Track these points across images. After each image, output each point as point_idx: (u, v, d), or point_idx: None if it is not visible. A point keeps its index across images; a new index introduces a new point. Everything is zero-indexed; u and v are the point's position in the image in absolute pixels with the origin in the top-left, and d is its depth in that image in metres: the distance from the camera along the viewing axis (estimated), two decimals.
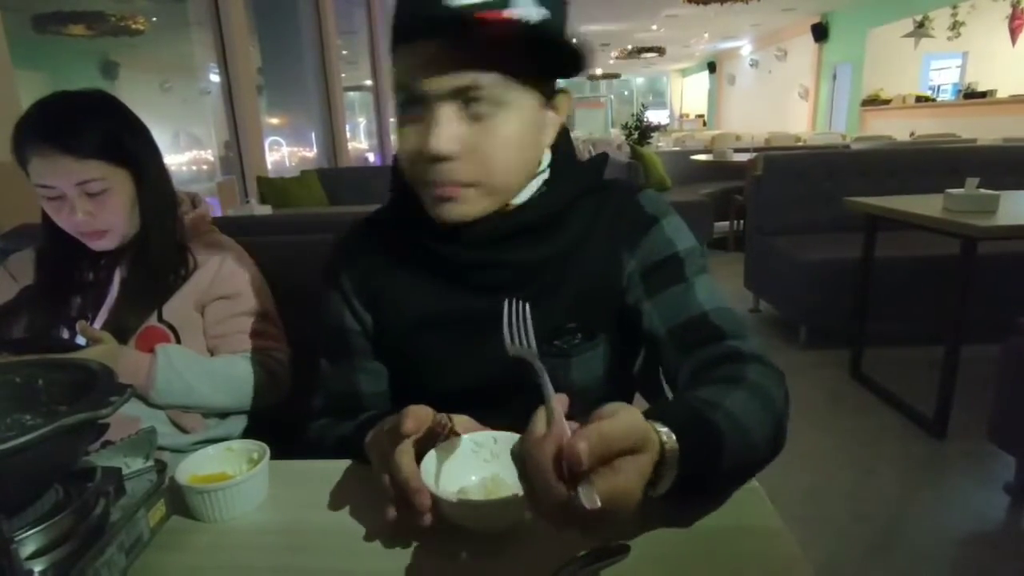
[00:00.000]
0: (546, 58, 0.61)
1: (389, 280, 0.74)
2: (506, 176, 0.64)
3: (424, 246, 0.69)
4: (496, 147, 0.61)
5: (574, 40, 0.59)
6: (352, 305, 0.76)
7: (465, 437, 0.59)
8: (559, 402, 0.44)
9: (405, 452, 0.54)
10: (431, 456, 0.56)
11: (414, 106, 0.60)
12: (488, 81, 0.59)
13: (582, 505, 0.37)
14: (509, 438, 0.59)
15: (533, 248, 0.68)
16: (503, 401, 0.64)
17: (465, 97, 0.59)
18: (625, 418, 0.42)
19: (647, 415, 0.48)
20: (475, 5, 0.56)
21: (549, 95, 0.66)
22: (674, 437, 0.46)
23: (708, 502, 0.54)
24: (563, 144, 0.72)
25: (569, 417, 0.44)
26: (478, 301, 0.70)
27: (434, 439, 0.58)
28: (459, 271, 0.70)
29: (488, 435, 0.59)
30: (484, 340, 0.70)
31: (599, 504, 0.37)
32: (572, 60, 0.61)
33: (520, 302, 0.56)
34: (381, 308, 0.75)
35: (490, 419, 0.61)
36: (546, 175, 0.71)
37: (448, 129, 0.59)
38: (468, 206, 0.63)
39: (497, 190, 0.64)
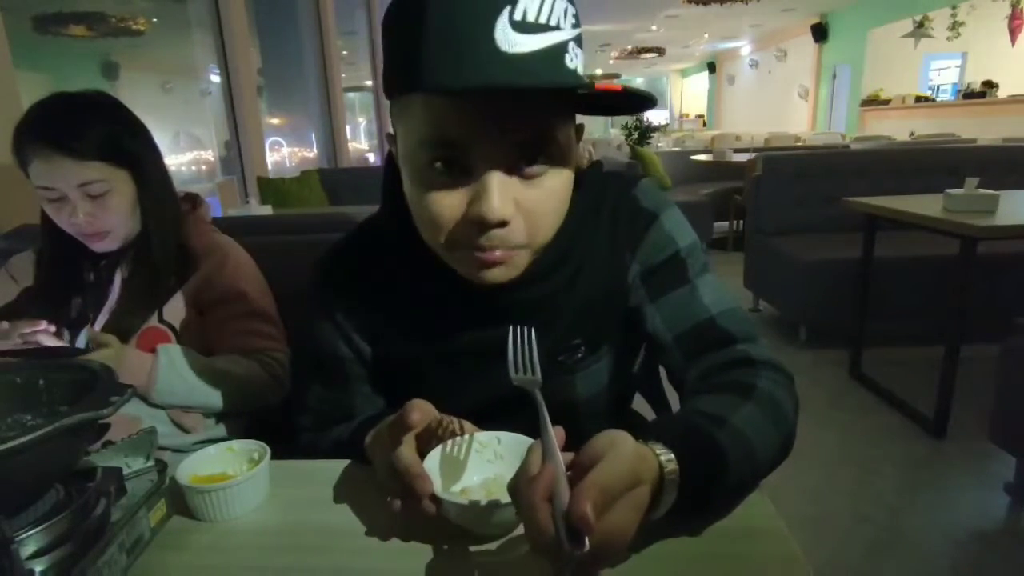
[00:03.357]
0: (592, 102, 0.55)
1: (388, 313, 0.70)
2: (550, 231, 0.59)
3: (427, 283, 0.66)
4: (548, 205, 0.56)
5: (648, 92, 0.52)
6: (349, 338, 0.72)
7: (469, 436, 0.59)
8: (556, 435, 0.43)
9: (407, 443, 0.54)
10: (434, 455, 0.56)
11: (452, 165, 0.53)
12: (548, 137, 0.53)
13: (570, 549, 0.36)
14: (513, 439, 0.59)
15: (548, 282, 0.65)
16: (506, 420, 0.63)
17: (523, 157, 0.53)
18: (620, 458, 0.40)
19: (647, 432, 0.47)
20: (537, 56, 0.48)
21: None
22: (673, 459, 0.45)
23: (709, 517, 0.53)
24: None
25: (570, 439, 0.44)
26: (484, 332, 0.66)
27: (436, 439, 0.58)
28: (465, 308, 0.66)
29: (492, 435, 0.59)
30: (488, 368, 0.67)
31: (587, 548, 0.36)
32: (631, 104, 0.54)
33: (526, 330, 0.54)
34: (379, 340, 0.72)
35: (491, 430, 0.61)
36: None
37: (504, 193, 0.52)
38: (513, 268, 0.58)
39: (540, 247, 0.59)
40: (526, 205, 0.54)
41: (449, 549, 0.52)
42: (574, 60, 0.51)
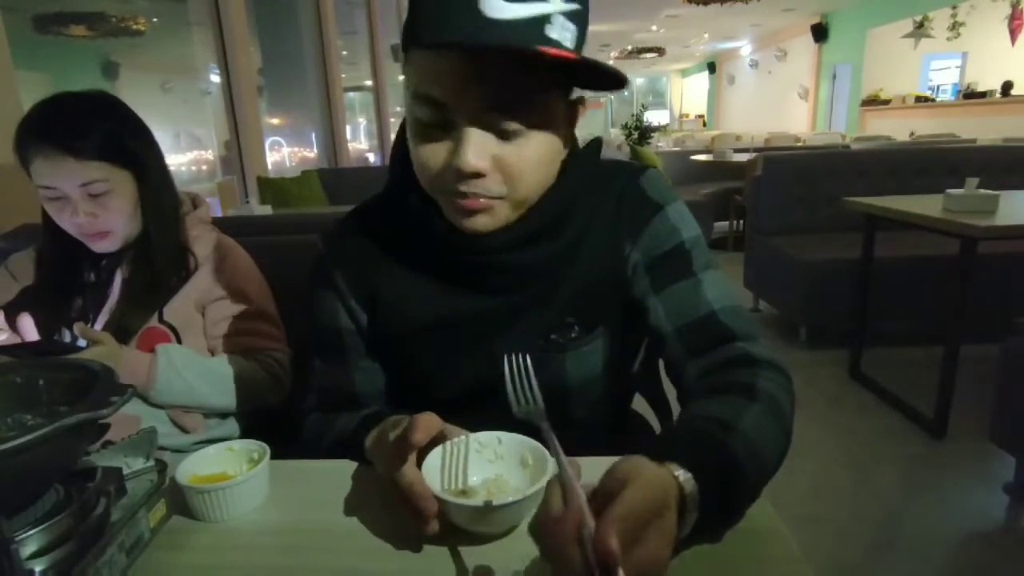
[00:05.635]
0: (576, 77, 0.60)
1: (386, 280, 0.72)
2: (532, 189, 0.63)
3: (427, 248, 0.68)
4: (524, 165, 0.60)
5: (612, 67, 0.55)
6: (348, 304, 0.74)
7: (470, 437, 0.59)
8: (572, 467, 0.41)
9: (410, 462, 0.54)
10: (434, 455, 0.56)
11: (437, 118, 0.58)
12: (523, 99, 0.57)
13: None
14: (513, 439, 0.59)
15: (541, 248, 0.67)
16: (501, 403, 0.64)
17: (497, 116, 0.57)
18: (644, 487, 0.39)
19: (660, 449, 0.46)
20: (518, 22, 0.52)
21: (569, 107, 0.64)
22: (691, 478, 0.44)
23: (725, 526, 0.51)
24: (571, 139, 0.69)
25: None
26: (480, 303, 0.69)
27: (437, 440, 0.58)
28: (465, 274, 0.68)
29: (493, 435, 0.59)
30: (484, 342, 0.69)
31: None
32: (606, 81, 0.58)
33: (521, 356, 0.55)
34: (380, 309, 0.73)
35: (487, 420, 0.60)
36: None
37: (479, 147, 0.57)
38: (493, 218, 0.62)
39: (522, 203, 0.63)
40: (503, 160, 0.59)
41: (449, 549, 0.53)
42: (561, 31, 0.55)
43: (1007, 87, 7.12)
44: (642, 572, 0.36)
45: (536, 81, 0.57)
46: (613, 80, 0.57)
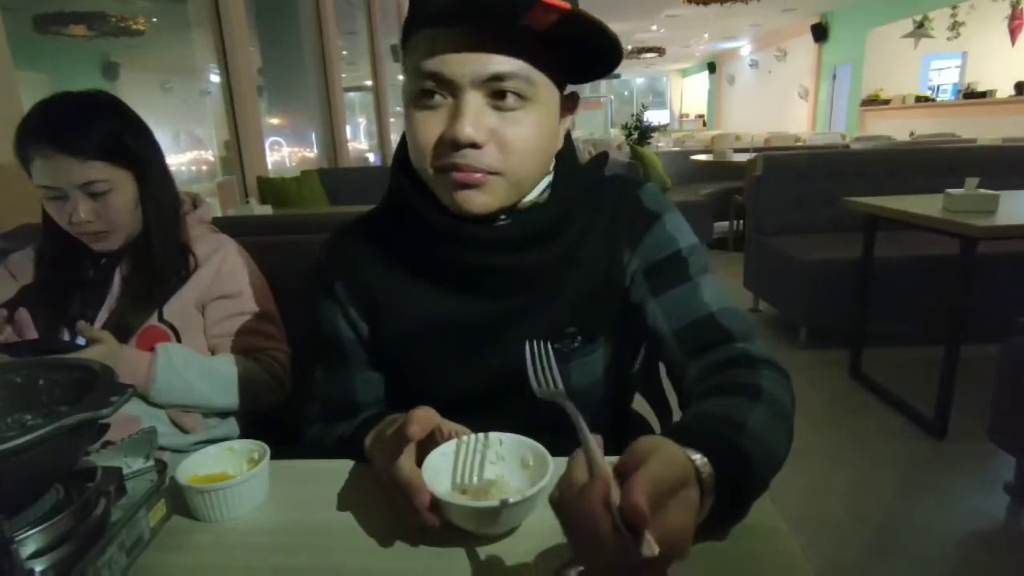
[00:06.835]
0: (572, 56, 0.62)
1: (386, 286, 0.72)
2: (525, 168, 0.63)
3: (425, 251, 0.68)
4: (522, 140, 0.61)
5: (600, 20, 0.58)
6: (347, 313, 0.74)
7: (472, 437, 0.59)
8: (596, 442, 0.41)
9: (407, 454, 0.54)
10: (435, 455, 0.56)
11: (434, 94, 0.60)
12: (519, 72, 0.59)
13: (638, 554, 0.34)
14: (515, 440, 0.59)
15: (539, 252, 0.67)
16: (502, 405, 0.64)
17: (494, 88, 0.59)
18: (669, 457, 0.40)
19: (675, 437, 0.46)
20: None
21: (564, 97, 0.67)
22: (708, 463, 0.45)
23: (735, 521, 0.52)
24: (566, 145, 0.71)
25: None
26: (480, 307, 0.69)
27: (436, 445, 0.58)
28: (462, 277, 0.68)
29: (494, 436, 0.59)
30: (485, 346, 0.70)
31: (657, 551, 0.34)
32: (604, 58, 0.62)
33: (542, 343, 0.55)
34: (378, 316, 0.73)
35: (489, 423, 0.61)
36: (550, 176, 0.70)
37: (476, 116, 0.59)
38: (490, 196, 0.62)
39: (517, 181, 0.63)
40: (500, 134, 0.60)
41: (449, 549, 0.53)
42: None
43: (1020, 87, 7.07)
44: (668, 538, 0.36)
45: (535, 60, 0.59)
46: (606, 59, 0.61)
